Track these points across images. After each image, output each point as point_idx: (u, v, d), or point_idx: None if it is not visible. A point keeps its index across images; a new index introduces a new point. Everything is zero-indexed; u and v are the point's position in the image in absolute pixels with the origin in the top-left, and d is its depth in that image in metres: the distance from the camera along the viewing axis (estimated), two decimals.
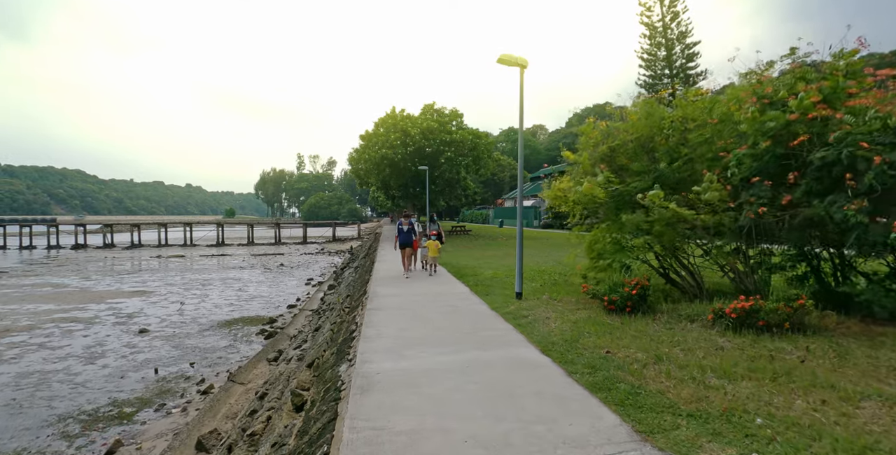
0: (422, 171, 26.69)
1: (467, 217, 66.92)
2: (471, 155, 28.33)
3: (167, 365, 12.94)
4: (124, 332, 16.48)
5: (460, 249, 22.10)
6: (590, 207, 7.26)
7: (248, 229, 60.78)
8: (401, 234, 12.66)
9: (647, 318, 6.05)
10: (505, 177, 74.27)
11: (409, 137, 26.32)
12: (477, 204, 64.80)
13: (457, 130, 28.30)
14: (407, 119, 27.34)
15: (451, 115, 28.85)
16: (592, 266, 7.65)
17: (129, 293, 24.29)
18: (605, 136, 7.64)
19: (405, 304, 7.96)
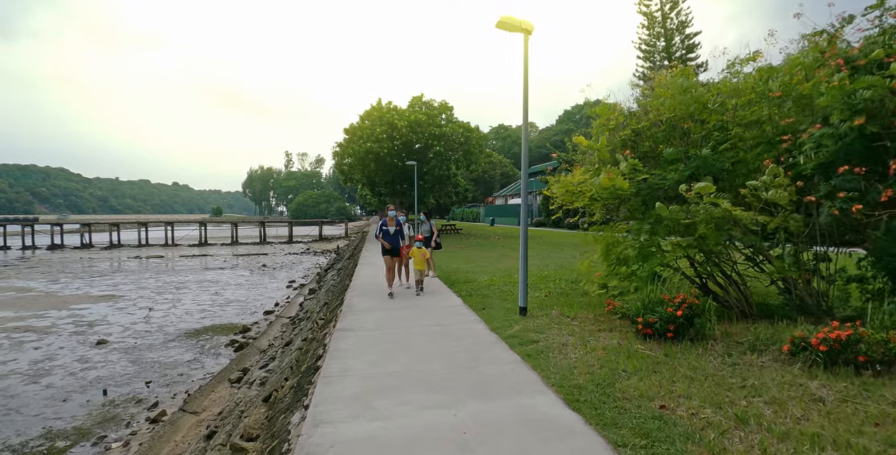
0: (409, 166, 25.23)
1: (458, 215, 65.65)
2: (461, 149, 26.91)
3: (120, 384, 11.45)
4: (80, 343, 14.95)
5: (451, 250, 20.70)
6: (610, 203, 5.88)
7: (231, 228, 58.94)
8: (385, 238, 9.95)
9: (696, 346, 4.71)
10: (496, 174, 73.16)
11: (396, 130, 24.84)
12: (468, 202, 63.64)
13: (446, 124, 26.86)
14: (393, 111, 25.86)
15: (441, 107, 27.41)
16: (611, 273, 6.27)
17: (97, 298, 22.67)
18: (629, 116, 6.26)
19: (384, 323, 6.56)
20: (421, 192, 28.37)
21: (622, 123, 6.58)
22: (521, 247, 6.82)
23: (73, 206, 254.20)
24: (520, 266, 6.67)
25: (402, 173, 27.24)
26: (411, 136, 25.26)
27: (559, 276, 10.83)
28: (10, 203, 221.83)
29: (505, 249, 20.88)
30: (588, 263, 6.73)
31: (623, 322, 5.74)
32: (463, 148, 27.35)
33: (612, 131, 6.59)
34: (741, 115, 5.41)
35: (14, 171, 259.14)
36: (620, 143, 6.40)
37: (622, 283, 6.10)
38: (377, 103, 27.01)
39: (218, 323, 17.33)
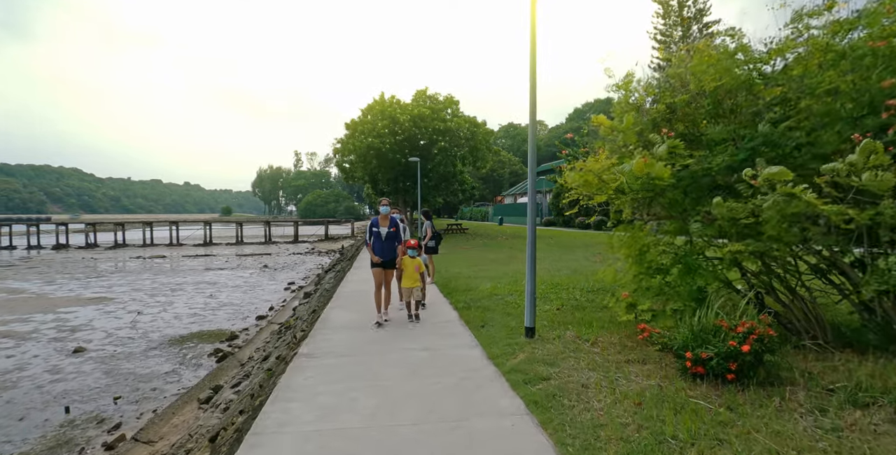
0: (413, 163, 24.03)
1: (466, 214, 64.49)
2: (467, 145, 25.64)
3: (86, 399, 10.41)
4: (57, 350, 13.99)
5: (455, 251, 19.50)
6: (643, 197, 4.63)
7: (236, 228, 58.25)
8: (376, 243, 7.52)
9: (769, 395, 3.44)
10: (505, 173, 71.91)
11: (399, 125, 23.67)
12: (475, 201, 62.37)
13: (451, 118, 25.60)
14: (396, 105, 24.65)
15: (446, 101, 26.18)
16: (641, 288, 5.03)
17: (88, 300, 21.81)
18: (662, 88, 5.01)
19: (358, 346, 5.43)
20: (425, 190, 27.19)
21: (651, 99, 5.33)
22: (528, 252, 5.58)
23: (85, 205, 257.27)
24: (527, 276, 5.43)
25: (405, 170, 26.06)
26: (414, 130, 24.07)
27: (573, 283, 9.57)
28: (24, 203, 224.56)
29: (513, 251, 19.62)
30: (613, 273, 5.47)
31: (660, 352, 4.49)
32: (469, 144, 26.09)
33: (637, 110, 5.34)
34: (812, 83, 4.14)
35: (28, 171, 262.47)
36: (651, 122, 5.14)
37: (658, 302, 4.85)
38: (379, 97, 25.85)
39: (206, 329, 16.30)
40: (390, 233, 7.42)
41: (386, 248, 7.38)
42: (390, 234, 7.42)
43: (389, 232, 7.41)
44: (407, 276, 7.32)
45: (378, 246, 7.41)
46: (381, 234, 7.43)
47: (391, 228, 7.42)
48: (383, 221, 7.51)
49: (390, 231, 7.41)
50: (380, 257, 7.36)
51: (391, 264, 7.43)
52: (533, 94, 5.50)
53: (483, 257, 16.71)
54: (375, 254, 7.37)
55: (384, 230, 7.42)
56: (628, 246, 5.08)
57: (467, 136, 25.61)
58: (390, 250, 7.41)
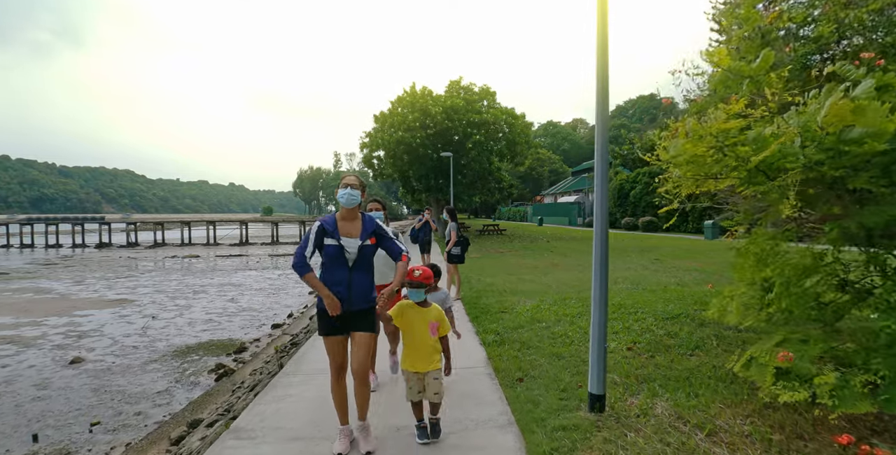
0: (446, 159, 22.22)
1: (504, 214, 62.38)
2: (504, 139, 23.61)
3: (61, 424, 9.14)
4: (54, 360, 12.95)
5: (490, 256, 17.56)
6: (828, 173, 2.61)
7: (272, 228, 58.16)
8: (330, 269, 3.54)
9: None
10: (544, 171, 69.48)
11: (430, 118, 21.91)
12: (514, 200, 60.21)
13: (487, 110, 23.62)
14: (428, 97, 22.88)
15: (482, 92, 24.28)
16: (801, 341, 3.01)
17: (108, 302, 21.10)
18: None
19: (324, 414, 3.56)
20: (460, 188, 25.38)
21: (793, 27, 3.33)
22: (595, 281, 3.55)
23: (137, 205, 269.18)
24: (593, 318, 3.42)
25: (437, 166, 24.31)
26: (447, 123, 22.26)
27: (640, 303, 7.50)
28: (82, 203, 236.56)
29: (554, 256, 17.55)
30: (738, 311, 3.45)
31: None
32: (506, 137, 24.05)
33: (773, 42, 3.32)
34: None
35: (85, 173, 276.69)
36: (800, 61, 3.15)
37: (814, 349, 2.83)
38: (410, 88, 24.13)
39: (216, 338, 15.03)
40: (365, 248, 3.54)
41: (355, 283, 3.47)
42: (365, 252, 3.55)
43: (364, 246, 3.53)
44: (414, 346, 3.50)
45: (335, 275, 3.46)
46: (342, 252, 3.47)
47: (367, 240, 3.54)
48: (348, 222, 3.58)
49: (365, 245, 3.53)
50: (336, 303, 3.40)
51: (363, 321, 3.53)
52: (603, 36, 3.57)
53: (521, 264, 14.75)
54: (333, 290, 3.44)
55: (351, 242, 3.49)
56: (774, 266, 3.06)
57: (504, 129, 23.59)
58: (363, 286, 3.53)
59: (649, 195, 32.73)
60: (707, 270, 12.50)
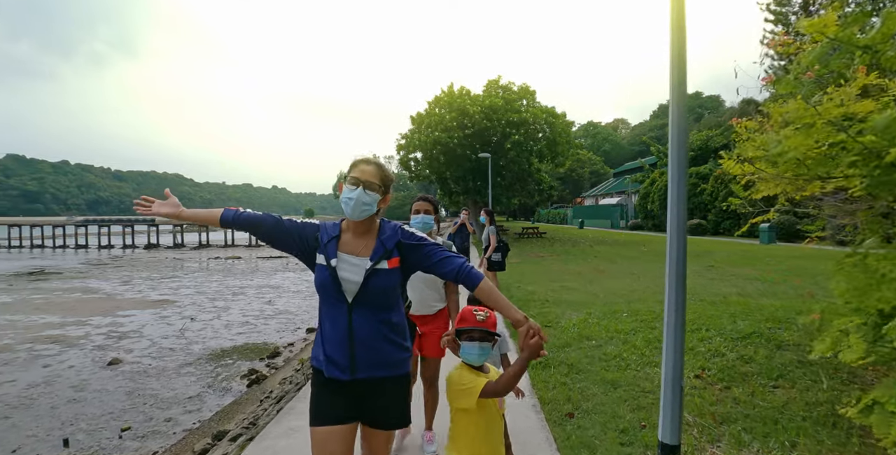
0: (484, 160, 21.63)
1: (543, 217, 61.21)
2: (544, 139, 22.82)
3: (93, 429, 9.05)
4: (94, 362, 13.07)
5: (530, 261, 16.86)
6: None
7: None
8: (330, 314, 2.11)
9: None
10: (585, 173, 67.96)
11: (468, 118, 21.38)
12: (553, 202, 58.98)
13: (526, 109, 22.89)
14: (466, 96, 22.35)
15: (521, 91, 23.59)
16: None
17: (151, 303, 21.49)
18: None
19: None
20: (499, 189, 24.74)
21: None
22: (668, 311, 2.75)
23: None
24: (665, 352, 2.65)
25: (475, 168, 23.75)
26: (486, 123, 21.66)
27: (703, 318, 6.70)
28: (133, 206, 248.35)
29: (599, 261, 16.68)
30: (861, 349, 2.74)
31: None
32: (546, 137, 23.25)
33: None
34: None
35: (137, 176, 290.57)
36: None
37: None
38: (448, 88, 23.67)
39: (252, 342, 14.92)
40: (378, 275, 2.06)
41: (359, 335, 2.05)
42: (378, 282, 2.07)
43: (376, 271, 2.06)
44: (479, 437, 2.15)
45: (326, 324, 2.11)
46: (334, 280, 2.05)
47: (383, 261, 2.08)
48: (356, 235, 2.16)
49: (378, 268, 2.06)
50: (335, 363, 2.06)
51: (385, 405, 2.13)
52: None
53: (564, 269, 14.00)
54: (326, 353, 2.08)
55: (352, 263, 2.08)
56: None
57: (544, 129, 22.81)
58: (376, 340, 2.07)
59: (696, 196, 31.23)
60: (769, 279, 11.46)
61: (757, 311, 6.92)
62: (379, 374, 2.08)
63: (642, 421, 3.50)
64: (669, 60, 3.07)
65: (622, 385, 4.27)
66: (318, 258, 2.12)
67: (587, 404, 3.91)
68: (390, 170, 2.23)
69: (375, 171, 2.13)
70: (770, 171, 2.85)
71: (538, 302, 8.72)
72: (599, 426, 3.47)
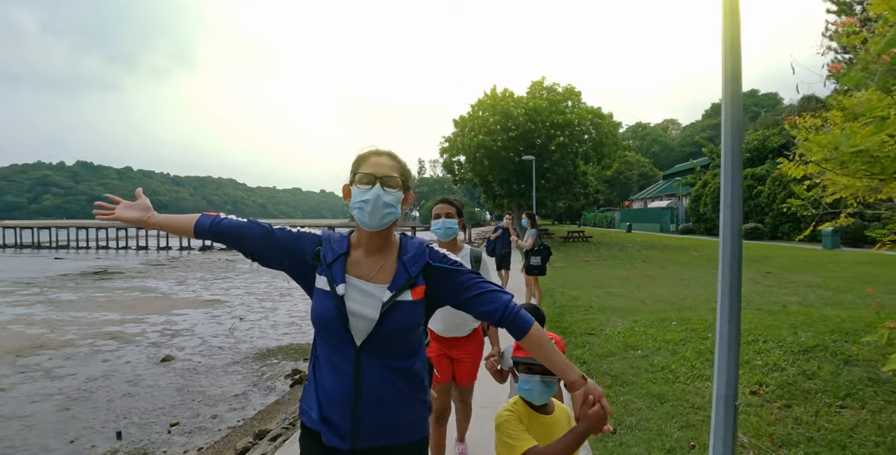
0: (528, 162, 21.35)
1: (590, 220, 59.98)
2: (590, 141, 22.31)
3: (145, 423, 9.44)
4: (149, 357, 13.67)
5: (575, 265, 16.47)
6: None
7: None
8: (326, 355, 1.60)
9: None
10: (633, 175, 66.17)
11: (512, 120, 21.16)
12: (599, 205, 57.73)
13: (572, 110, 22.45)
14: (509, 99, 22.14)
15: (566, 93, 23.18)
16: None
17: (203, 302, 22.35)
18: None
19: None
20: (543, 193, 24.38)
21: None
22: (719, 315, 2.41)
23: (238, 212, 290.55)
24: (717, 367, 2.35)
25: (519, 171, 23.48)
26: (530, 126, 21.39)
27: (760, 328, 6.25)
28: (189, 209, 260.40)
29: (647, 266, 16.09)
30: None
31: None
32: (592, 138, 22.73)
33: None
34: None
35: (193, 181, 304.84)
36: None
37: None
38: (491, 91, 23.54)
39: (296, 342, 15.25)
40: (399, 308, 1.55)
41: (367, 390, 1.52)
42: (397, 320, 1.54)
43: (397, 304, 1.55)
44: None
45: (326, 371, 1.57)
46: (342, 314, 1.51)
47: (406, 291, 1.57)
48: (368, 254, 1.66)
49: (400, 301, 1.56)
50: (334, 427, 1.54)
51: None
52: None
53: (609, 274, 13.58)
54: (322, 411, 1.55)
55: (366, 292, 1.57)
56: None
57: (589, 130, 22.30)
58: (388, 397, 1.55)
59: (753, 199, 29.77)
60: (833, 287, 10.70)
61: (820, 322, 6.42)
62: (391, 442, 1.59)
63: (691, 440, 3.25)
64: (722, 53, 2.84)
65: (670, 399, 4.02)
66: (319, 281, 1.63)
67: (631, 419, 3.68)
68: (405, 161, 1.81)
69: (392, 163, 1.72)
70: (837, 172, 2.57)
71: (582, 308, 8.44)
72: (644, 444, 3.25)
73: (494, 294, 1.60)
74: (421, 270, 1.62)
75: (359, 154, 1.74)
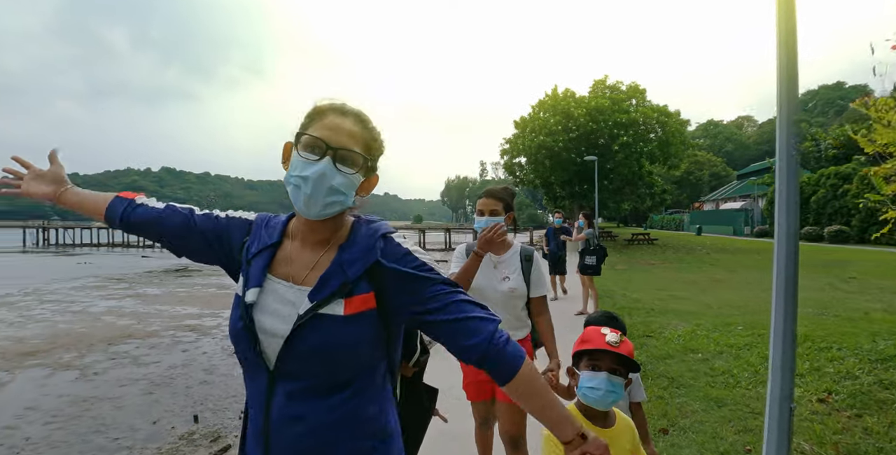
0: (590, 163, 20.95)
1: (657, 223, 57.81)
2: (656, 140, 21.56)
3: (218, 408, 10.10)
4: (223, 349, 14.56)
5: (639, 268, 16.00)
6: None
7: (419, 235, 61.37)
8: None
9: None
10: (703, 175, 63.13)
11: (573, 120, 20.82)
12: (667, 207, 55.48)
13: (635, 109, 21.81)
14: (570, 99, 21.81)
15: (630, 91, 22.54)
16: None
17: None
18: None
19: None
20: (606, 194, 23.83)
21: None
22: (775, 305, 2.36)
23: None
24: (772, 366, 2.25)
25: (581, 172, 23.06)
26: (591, 126, 20.98)
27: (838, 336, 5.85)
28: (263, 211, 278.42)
29: (715, 269, 15.38)
30: None
31: None
32: (658, 138, 21.96)
33: None
34: None
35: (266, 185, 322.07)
36: None
37: None
38: (552, 91, 23.27)
39: None
40: (323, 322, 1.10)
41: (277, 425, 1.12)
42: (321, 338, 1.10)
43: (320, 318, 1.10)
44: None
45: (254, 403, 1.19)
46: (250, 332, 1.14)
47: (338, 297, 1.11)
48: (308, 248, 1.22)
49: (322, 314, 1.10)
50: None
51: None
52: None
53: (675, 278, 13.11)
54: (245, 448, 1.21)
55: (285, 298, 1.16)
56: None
57: (655, 129, 21.57)
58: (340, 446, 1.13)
59: (837, 199, 27.61)
60: None
61: None
62: None
63: (747, 445, 3.14)
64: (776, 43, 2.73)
65: (728, 404, 3.87)
66: (240, 284, 1.22)
67: (685, 421, 3.59)
68: (378, 130, 1.28)
69: (356, 130, 1.19)
70: None
71: (642, 310, 8.22)
72: (696, 446, 3.16)
73: (476, 322, 1.11)
74: (364, 272, 1.13)
75: (315, 105, 1.23)
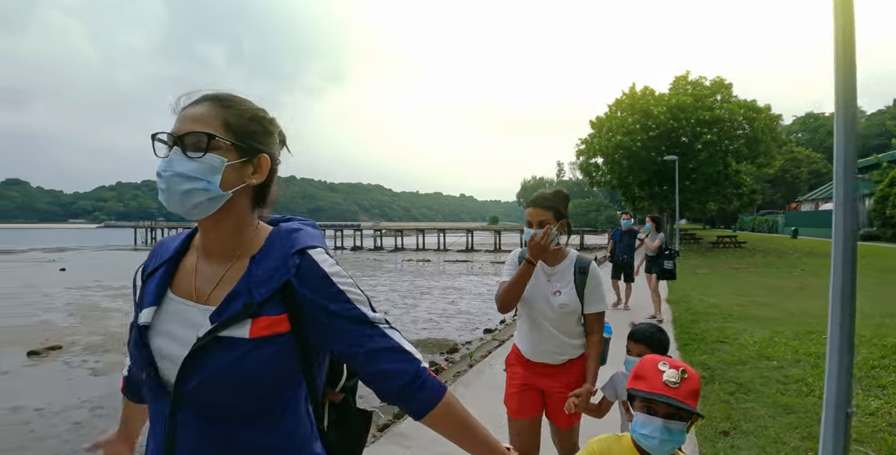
0: (670, 163, 20.24)
1: (747, 224, 54.24)
2: (743, 137, 20.43)
3: None
4: None
5: (721, 272, 15.36)
6: None
7: (495, 236, 61.55)
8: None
9: None
10: (801, 173, 58.25)
11: (652, 119, 20.18)
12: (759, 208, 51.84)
13: (721, 105, 20.78)
14: (650, 97, 21.17)
15: (714, 86, 21.51)
16: None
17: None
18: None
19: None
20: (689, 194, 22.89)
21: None
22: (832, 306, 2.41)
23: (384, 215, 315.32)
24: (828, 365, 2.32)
25: (661, 171, 22.30)
26: (672, 123, 20.24)
27: None
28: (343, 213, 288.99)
29: (805, 275, 14.42)
30: None
31: None
32: (746, 135, 20.78)
33: None
34: None
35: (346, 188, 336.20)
36: None
37: None
38: (630, 90, 22.68)
39: (434, 337, 16.27)
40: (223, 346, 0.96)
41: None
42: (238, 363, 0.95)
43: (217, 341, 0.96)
44: None
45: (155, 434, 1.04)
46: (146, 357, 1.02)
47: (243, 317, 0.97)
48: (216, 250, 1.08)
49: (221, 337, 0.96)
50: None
51: None
52: None
53: (760, 283, 12.49)
54: None
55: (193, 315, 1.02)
56: None
57: (743, 125, 20.40)
58: None
59: None
60: None
61: None
62: None
63: (809, 451, 3.18)
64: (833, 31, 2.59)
65: (798, 411, 3.85)
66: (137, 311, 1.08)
67: (748, 425, 3.63)
68: (252, 103, 1.11)
69: (210, 112, 1.02)
70: None
71: (719, 316, 8.02)
72: (756, 449, 3.21)
73: (395, 367, 1.04)
74: (277, 291, 0.99)
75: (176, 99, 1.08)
